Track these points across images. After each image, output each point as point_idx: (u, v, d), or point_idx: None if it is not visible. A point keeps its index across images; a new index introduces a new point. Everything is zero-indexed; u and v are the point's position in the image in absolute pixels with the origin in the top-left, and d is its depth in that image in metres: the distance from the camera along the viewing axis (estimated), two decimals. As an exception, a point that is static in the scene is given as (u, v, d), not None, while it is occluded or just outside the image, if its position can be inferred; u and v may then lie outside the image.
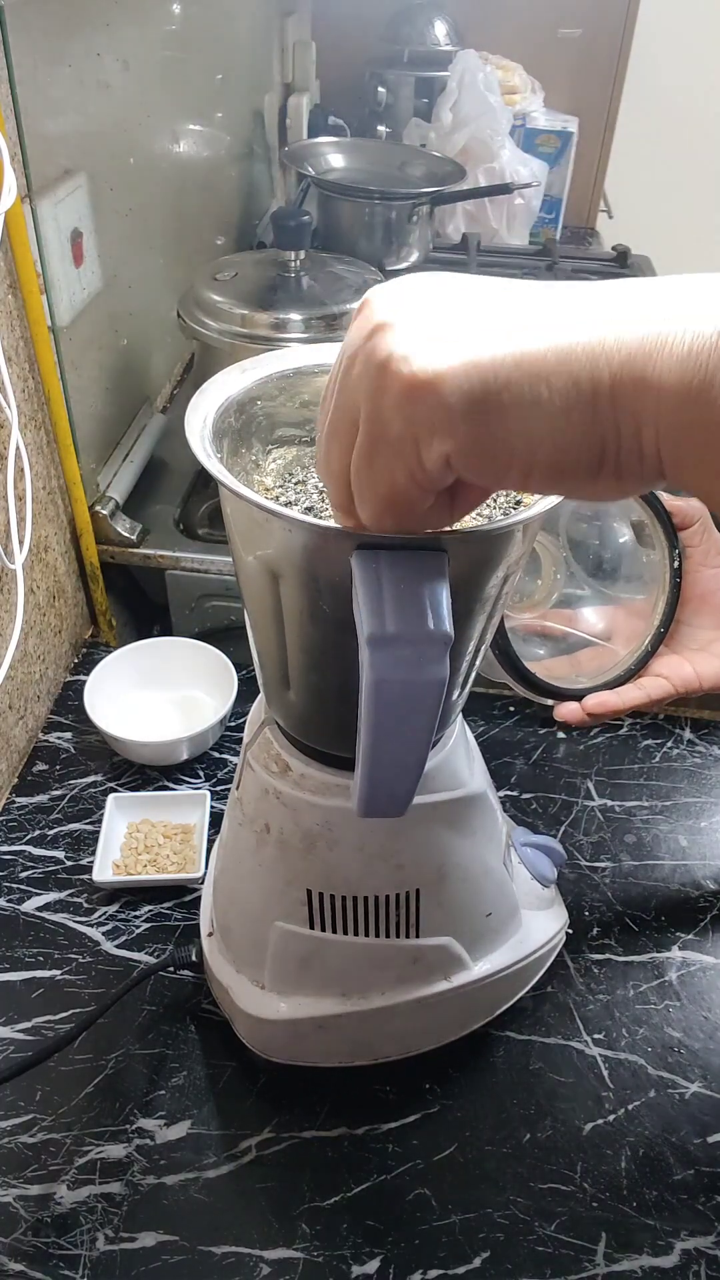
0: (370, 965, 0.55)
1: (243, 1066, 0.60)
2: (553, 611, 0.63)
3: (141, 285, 0.99)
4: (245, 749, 0.53)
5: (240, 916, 0.56)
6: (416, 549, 0.36)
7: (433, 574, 0.35)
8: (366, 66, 1.66)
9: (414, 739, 0.39)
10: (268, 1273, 0.52)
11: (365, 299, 0.32)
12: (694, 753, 0.84)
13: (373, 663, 0.35)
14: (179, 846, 0.72)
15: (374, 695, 0.36)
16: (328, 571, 0.38)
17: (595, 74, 1.73)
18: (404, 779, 0.42)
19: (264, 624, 0.45)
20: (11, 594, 0.73)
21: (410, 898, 0.53)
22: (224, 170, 1.33)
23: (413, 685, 0.36)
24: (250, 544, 0.41)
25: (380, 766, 0.40)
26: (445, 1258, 0.53)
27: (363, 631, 0.35)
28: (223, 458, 0.42)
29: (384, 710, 0.37)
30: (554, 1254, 0.53)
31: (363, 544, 0.36)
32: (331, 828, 0.50)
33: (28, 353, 0.74)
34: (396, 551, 0.36)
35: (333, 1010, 0.55)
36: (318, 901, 0.52)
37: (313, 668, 0.45)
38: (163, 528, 0.92)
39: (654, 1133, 0.59)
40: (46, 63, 0.73)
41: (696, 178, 2.20)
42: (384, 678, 0.35)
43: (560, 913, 0.64)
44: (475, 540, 0.36)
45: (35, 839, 0.74)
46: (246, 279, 0.93)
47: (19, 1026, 0.62)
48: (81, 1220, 0.54)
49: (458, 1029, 0.61)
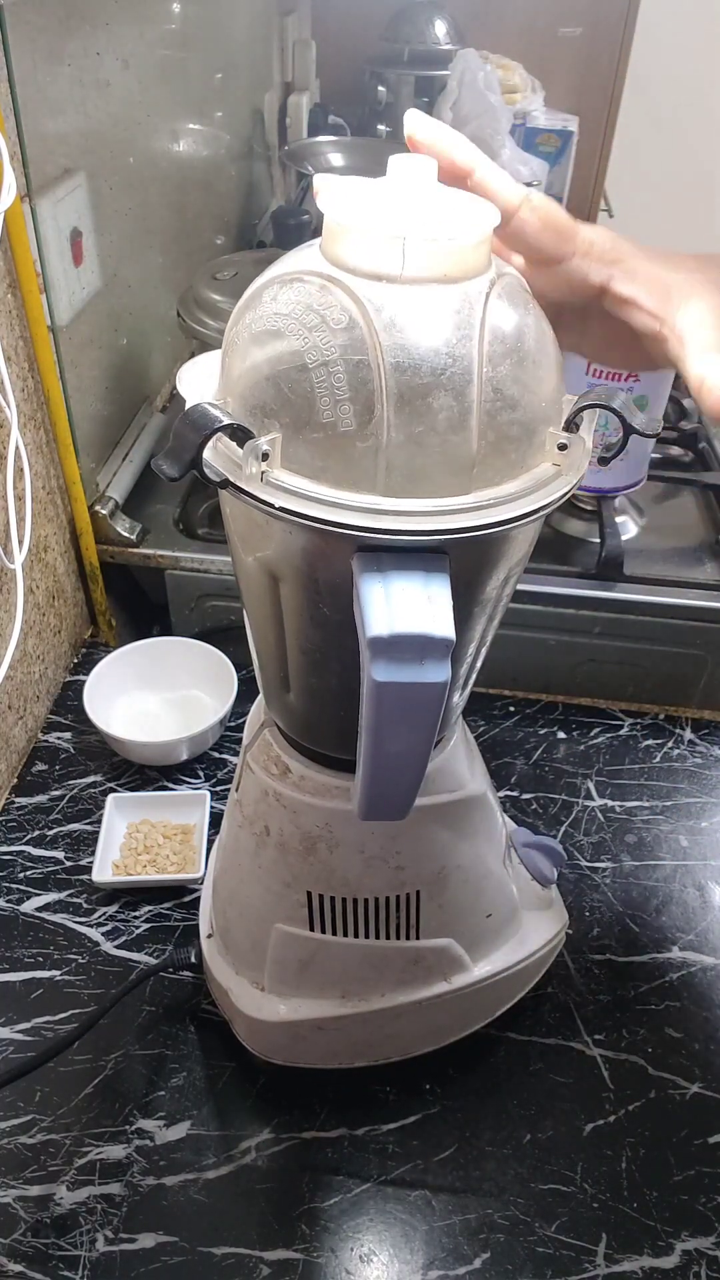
0: (370, 967, 0.55)
1: (242, 1067, 0.60)
2: None
3: (141, 285, 0.99)
4: (245, 751, 0.53)
5: (240, 918, 0.56)
6: (417, 550, 0.35)
7: (434, 576, 0.35)
8: (366, 66, 1.66)
9: (415, 742, 0.39)
10: (268, 1273, 0.52)
11: None
12: (694, 753, 0.84)
13: (374, 666, 0.35)
14: (178, 847, 0.72)
15: (375, 699, 0.36)
16: (328, 573, 0.38)
17: (595, 74, 1.73)
18: (405, 782, 0.41)
19: (264, 626, 0.45)
20: (11, 594, 0.73)
21: (410, 899, 0.53)
22: (224, 169, 1.33)
23: (414, 689, 0.36)
24: (250, 545, 0.41)
25: (381, 770, 0.40)
26: (445, 1258, 0.53)
27: (364, 634, 0.35)
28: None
29: (385, 713, 0.37)
30: (554, 1254, 0.53)
31: (363, 546, 0.35)
32: (332, 829, 0.50)
33: (27, 352, 0.74)
34: (398, 553, 0.35)
35: (333, 1012, 0.55)
36: (318, 903, 0.52)
37: (312, 670, 0.45)
38: (162, 528, 0.91)
39: (654, 1133, 0.59)
40: (46, 62, 0.73)
41: (696, 178, 2.20)
42: (385, 681, 0.35)
43: (560, 913, 0.64)
44: (476, 541, 0.36)
45: (35, 839, 0.74)
46: (246, 278, 0.92)
47: (18, 1027, 0.62)
48: (81, 1221, 0.54)
49: (458, 1030, 0.60)
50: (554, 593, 0.85)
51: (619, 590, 0.85)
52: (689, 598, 0.85)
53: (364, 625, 0.35)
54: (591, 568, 0.87)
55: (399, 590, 0.35)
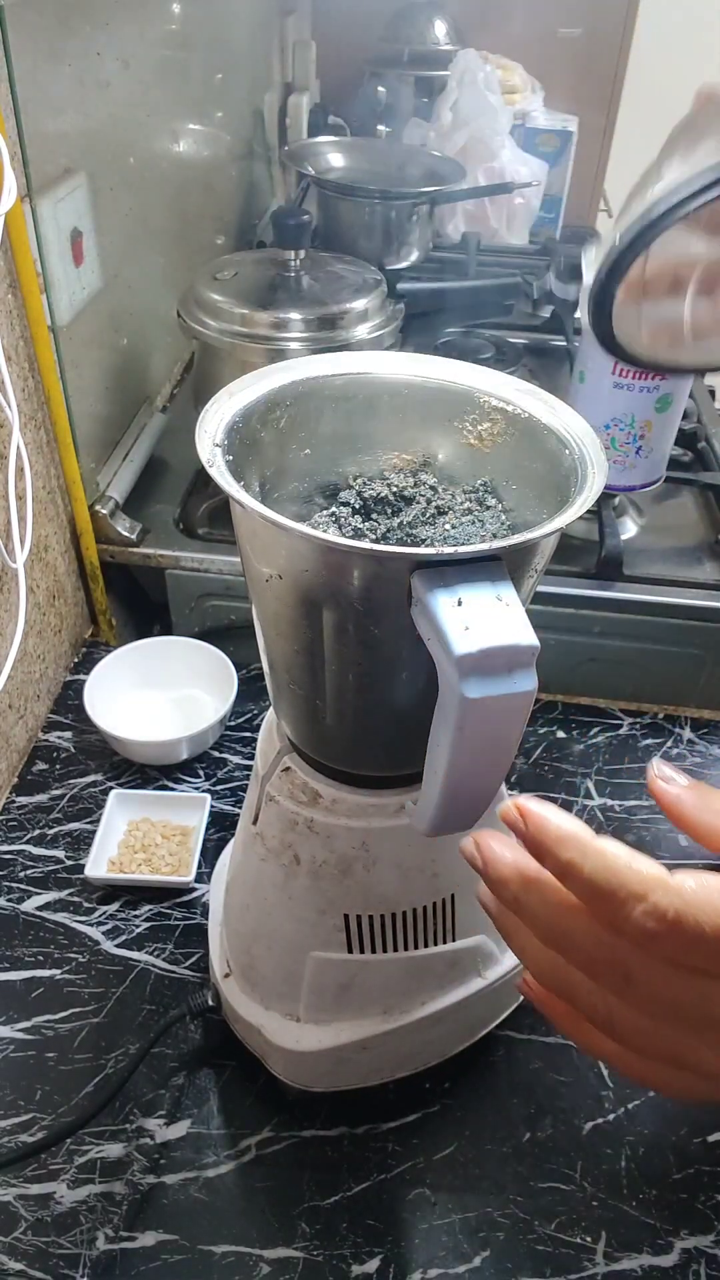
0: (411, 978, 0.54)
1: (243, 1066, 0.60)
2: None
3: (141, 285, 0.99)
4: (263, 783, 0.52)
5: (269, 952, 0.55)
6: (476, 561, 0.35)
7: (500, 584, 0.35)
8: (366, 66, 1.66)
9: (500, 754, 0.38)
10: (268, 1272, 0.52)
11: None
12: (694, 752, 0.84)
13: (464, 684, 0.34)
14: (175, 848, 0.72)
15: (463, 715, 0.35)
16: (382, 593, 0.37)
17: (595, 74, 1.73)
18: (485, 794, 0.40)
19: (296, 657, 0.44)
20: (12, 594, 0.73)
21: (446, 904, 0.53)
22: (224, 169, 1.33)
23: (505, 701, 0.35)
24: (296, 581, 0.40)
25: (463, 785, 0.39)
26: (445, 1257, 0.53)
27: (448, 652, 0.34)
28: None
29: (474, 729, 0.36)
30: (554, 1253, 0.53)
31: (422, 562, 0.35)
32: (369, 849, 0.49)
33: (27, 352, 0.74)
34: (460, 565, 0.35)
35: (376, 1030, 0.54)
36: (355, 925, 0.51)
37: (358, 693, 0.44)
38: (163, 527, 0.91)
39: (654, 1132, 0.59)
40: (46, 62, 0.73)
41: (696, 177, 2.20)
42: (475, 697, 0.34)
43: None
44: (524, 547, 0.36)
45: (35, 838, 0.74)
46: (246, 278, 0.93)
47: (19, 1026, 0.62)
48: (81, 1220, 0.54)
49: (489, 1022, 0.61)
50: (554, 592, 0.85)
51: (619, 590, 0.86)
52: (689, 597, 0.85)
53: (445, 643, 0.34)
54: (591, 567, 0.87)
55: (474, 603, 0.34)
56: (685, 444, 1.05)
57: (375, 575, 0.37)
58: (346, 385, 0.48)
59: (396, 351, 0.93)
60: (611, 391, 0.82)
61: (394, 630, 0.38)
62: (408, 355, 0.49)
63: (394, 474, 0.49)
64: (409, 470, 0.49)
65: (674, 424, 0.85)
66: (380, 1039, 0.55)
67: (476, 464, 0.48)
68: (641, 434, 0.84)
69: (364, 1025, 0.55)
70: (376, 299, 0.92)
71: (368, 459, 0.49)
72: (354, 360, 0.49)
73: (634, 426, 0.83)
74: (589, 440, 0.43)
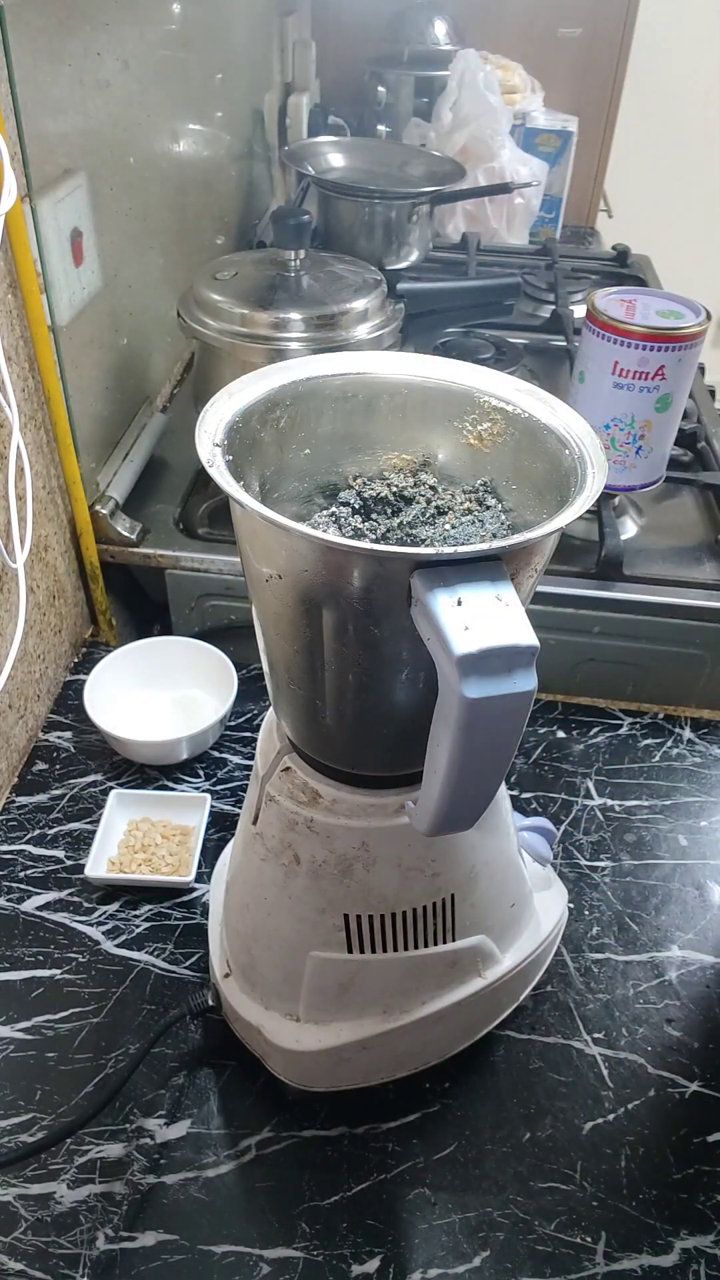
0: (410, 978, 0.54)
1: (243, 1066, 0.60)
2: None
3: (141, 285, 0.99)
4: (262, 783, 0.52)
5: (268, 952, 0.55)
6: (476, 561, 0.35)
7: (500, 584, 0.35)
8: (366, 66, 1.66)
9: (501, 754, 0.38)
10: (268, 1272, 0.52)
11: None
12: (694, 752, 0.84)
13: (464, 684, 0.34)
14: (175, 848, 0.72)
15: (464, 716, 0.35)
16: (382, 593, 0.38)
17: (595, 74, 1.73)
18: (484, 794, 0.41)
19: (298, 660, 0.44)
20: (12, 594, 0.73)
21: (445, 904, 0.53)
22: (224, 170, 1.33)
23: (505, 700, 0.35)
24: (297, 581, 0.40)
25: (464, 785, 0.39)
26: (445, 1257, 0.53)
27: (448, 652, 0.34)
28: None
29: (475, 729, 0.36)
30: (554, 1253, 0.53)
31: (423, 562, 0.35)
32: (369, 849, 0.49)
33: (27, 352, 0.74)
34: (460, 565, 0.35)
35: (376, 1030, 0.55)
36: (355, 924, 0.52)
37: (360, 692, 0.44)
38: (163, 527, 0.91)
39: (654, 1132, 0.59)
40: (46, 62, 0.73)
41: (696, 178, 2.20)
42: (475, 697, 0.34)
43: (561, 890, 0.65)
44: (524, 547, 0.36)
45: (35, 838, 0.74)
46: (246, 278, 0.93)
47: (19, 1026, 0.62)
48: (81, 1220, 0.54)
49: (489, 1021, 0.61)
50: (554, 592, 0.85)
51: (618, 590, 0.86)
52: (688, 597, 0.85)
53: (445, 643, 0.34)
54: (591, 567, 0.87)
55: (473, 603, 0.34)
56: (685, 444, 1.05)
57: (375, 575, 0.37)
58: (346, 385, 0.48)
59: (396, 351, 0.93)
60: (611, 391, 0.82)
61: (394, 630, 0.38)
62: (407, 355, 0.49)
63: (394, 474, 0.49)
64: (409, 470, 0.49)
65: (674, 424, 0.85)
66: (380, 1039, 0.55)
67: (476, 464, 0.48)
68: (641, 434, 0.84)
69: (364, 1025, 0.55)
70: (376, 299, 0.92)
71: (368, 459, 0.49)
72: (354, 360, 0.49)
73: (634, 426, 0.83)
74: (589, 440, 0.43)
